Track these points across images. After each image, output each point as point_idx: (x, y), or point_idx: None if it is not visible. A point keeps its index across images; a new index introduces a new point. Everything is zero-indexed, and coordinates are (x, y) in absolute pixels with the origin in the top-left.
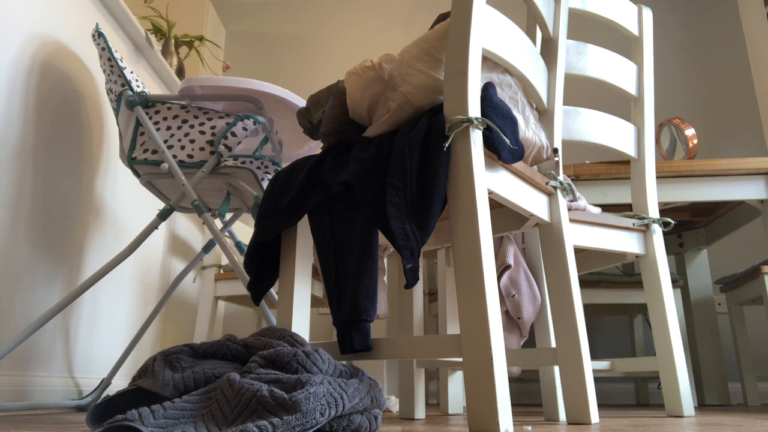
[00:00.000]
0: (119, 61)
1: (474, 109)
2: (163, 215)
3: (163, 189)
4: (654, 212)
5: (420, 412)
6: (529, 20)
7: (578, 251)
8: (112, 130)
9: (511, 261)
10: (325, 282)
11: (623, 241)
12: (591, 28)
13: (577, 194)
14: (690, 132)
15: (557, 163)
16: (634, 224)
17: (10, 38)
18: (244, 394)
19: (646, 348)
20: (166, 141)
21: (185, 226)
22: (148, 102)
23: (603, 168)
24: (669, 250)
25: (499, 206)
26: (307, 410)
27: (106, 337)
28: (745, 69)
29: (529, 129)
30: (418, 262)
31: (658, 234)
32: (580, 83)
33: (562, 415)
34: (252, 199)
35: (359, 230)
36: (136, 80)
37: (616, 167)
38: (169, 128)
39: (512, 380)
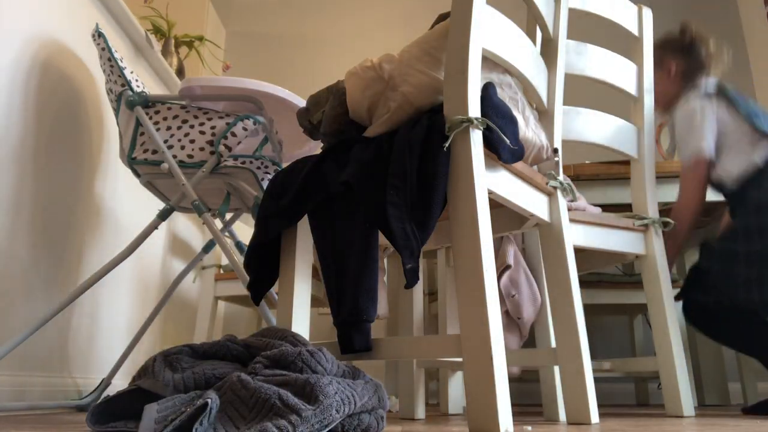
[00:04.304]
0: (119, 61)
1: (474, 109)
2: (163, 215)
3: (163, 189)
4: (654, 212)
5: (420, 412)
6: (529, 20)
7: (578, 251)
8: (112, 130)
9: (511, 261)
10: (325, 282)
11: (623, 241)
12: (591, 28)
13: (577, 194)
14: None
15: (557, 163)
16: (634, 224)
17: (10, 38)
18: (260, 395)
19: (646, 348)
20: (166, 141)
21: (185, 226)
22: (148, 102)
23: (603, 168)
24: None
25: (499, 206)
26: (324, 407)
27: (106, 337)
28: (745, 69)
29: (529, 129)
30: (418, 262)
31: (658, 234)
32: (580, 83)
33: (562, 415)
34: (252, 199)
35: (359, 230)
36: (136, 80)
37: (616, 167)
38: (169, 128)
39: (512, 380)
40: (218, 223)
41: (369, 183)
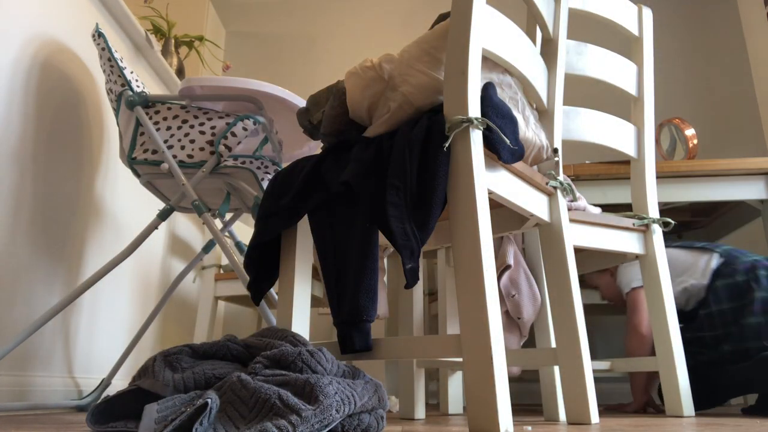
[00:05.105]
0: (119, 61)
1: (474, 109)
2: (163, 215)
3: (163, 189)
4: (654, 212)
5: (420, 412)
6: (529, 20)
7: (578, 251)
8: (112, 130)
9: (511, 261)
10: (325, 282)
11: (623, 241)
12: (591, 28)
13: (577, 194)
14: (690, 132)
15: (557, 163)
16: (634, 224)
17: (10, 38)
18: (260, 395)
19: None
20: (166, 141)
21: (185, 226)
22: (148, 102)
23: (603, 168)
24: None
25: (499, 206)
26: (324, 407)
27: (106, 337)
28: (745, 69)
29: (529, 129)
30: (418, 262)
31: (658, 234)
32: (580, 83)
33: (562, 415)
34: (252, 199)
35: (359, 230)
36: (136, 80)
37: (616, 167)
38: (169, 128)
39: (512, 380)
40: (218, 223)
41: (369, 183)
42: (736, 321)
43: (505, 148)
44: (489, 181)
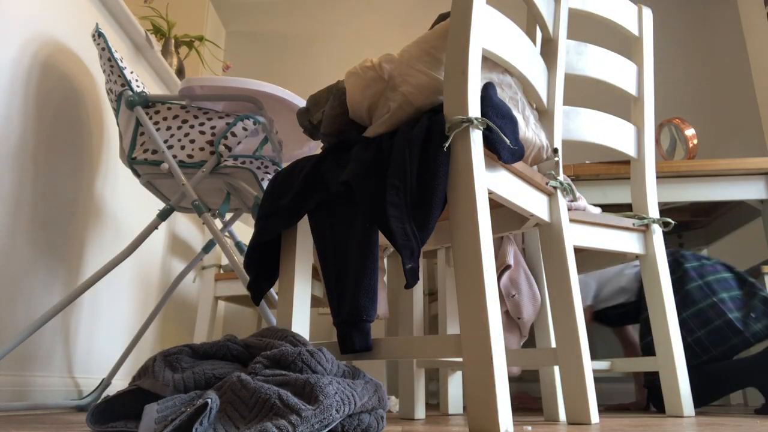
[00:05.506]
0: (119, 61)
1: (474, 109)
2: (163, 215)
3: (163, 189)
4: (654, 212)
5: (420, 412)
6: (529, 20)
7: (578, 251)
8: (112, 130)
9: (511, 261)
10: (325, 282)
11: (623, 241)
12: (591, 28)
13: (577, 194)
14: (690, 132)
15: (557, 163)
16: (634, 224)
17: (10, 38)
18: (260, 395)
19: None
20: (166, 141)
21: (185, 226)
22: (148, 102)
23: (603, 168)
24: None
25: (499, 206)
26: (324, 407)
27: (106, 337)
28: (745, 69)
29: (529, 129)
30: (418, 262)
31: (658, 234)
32: (580, 83)
33: (562, 415)
34: (252, 199)
35: (359, 230)
36: (136, 80)
37: (616, 167)
38: (169, 128)
39: (512, 380)
40: (218, 223)
41: (369, 183)
42: (676, 292)
43: (505, 148)
44: (489, 181)
